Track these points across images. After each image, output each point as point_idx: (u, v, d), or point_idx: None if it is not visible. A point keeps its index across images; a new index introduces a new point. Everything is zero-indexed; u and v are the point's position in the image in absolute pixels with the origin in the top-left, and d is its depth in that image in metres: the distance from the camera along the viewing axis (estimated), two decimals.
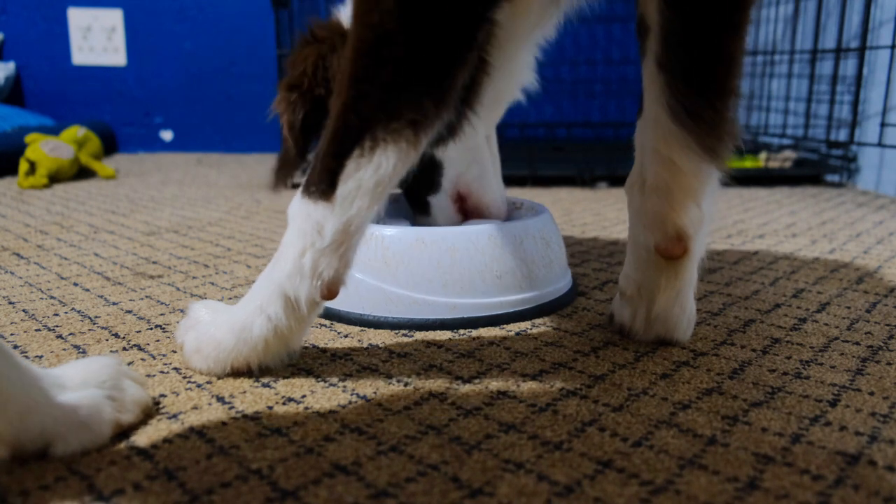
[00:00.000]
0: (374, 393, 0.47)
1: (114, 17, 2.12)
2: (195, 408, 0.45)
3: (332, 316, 0.62)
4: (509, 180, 1.46)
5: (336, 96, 0.45)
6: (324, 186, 0.45)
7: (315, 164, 0.46)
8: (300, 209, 0.47)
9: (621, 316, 0.57)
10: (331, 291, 0.47)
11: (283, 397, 0.47)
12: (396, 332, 0.59)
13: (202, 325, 0.51)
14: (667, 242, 0.52)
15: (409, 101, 0.44)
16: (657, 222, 0.52)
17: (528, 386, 0.48)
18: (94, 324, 0.61)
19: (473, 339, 0.57)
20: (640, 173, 0.53)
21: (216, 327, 0.50)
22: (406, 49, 0.43)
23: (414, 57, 0.43)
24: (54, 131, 1.68)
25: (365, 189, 0.45)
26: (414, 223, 0.80)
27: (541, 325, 0.60)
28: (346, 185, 0.45)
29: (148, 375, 0.50)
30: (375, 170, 0.44)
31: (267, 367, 0.50)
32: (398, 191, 0.82)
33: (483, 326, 0.60)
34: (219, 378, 0.49)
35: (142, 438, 0.41)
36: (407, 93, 0.44)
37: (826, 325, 0.61)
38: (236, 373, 0.50)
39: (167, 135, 2.20)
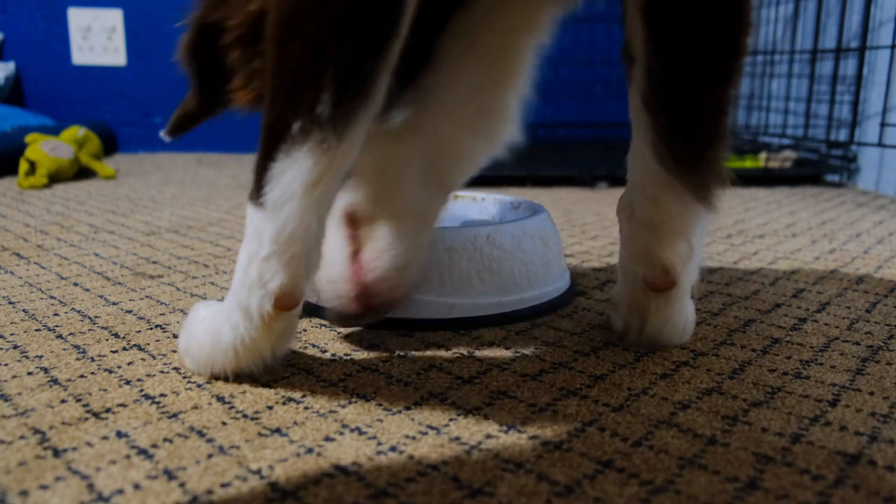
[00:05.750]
0: (374, 393, 0.47)
1: (114, 17, 2.12)
2: (195, 408, 0.45)
3: None
4: (509, 180, 1.47)
5: (266, 84, 0.42)
6: (256, 190, 0.43)
7: (254, 164, 0.44)
8: (248, 213, 0.44)
9: (615, 324, 0.56)
10: (284, 303, 0.44)
11: (283, 397, 0.47)
12: (396, 332, 0.59)
13: (194, 324, 0.50)
14: (654, 276, 0.51)
15: (329, 89, 0.40)
16: (645, 255, 0.51)
17: (528, 386, 0.48)
18: (94, 324, 0.61)
19: (473, 339, 0.57)
20: (630, 201, 0.52)
21: (202, 330, 0.49)
22: (319, 23, 0.39)
23: (329, 34, 0.39)
24: (54, 131, 1.68)
25: (292, 193, 0.42)
26: None
27: (541, 325, 0.60)
28: (273, 190, 0.42)
29: (148, 375, 0.50)
30: (299, 172, 0.41)
31: (246, 373, 0.48)
32: None
33: (482, 326, 0.60)
34: (209, 381, 0.49)
35: (142, 438, 0.41)
36: (326, 79, 0.40)
37: (826, 325, 0.61)
38: (217, 377, 0.49)
39: None
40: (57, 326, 0.60)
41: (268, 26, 0.42)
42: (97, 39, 2.13)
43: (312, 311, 0.63)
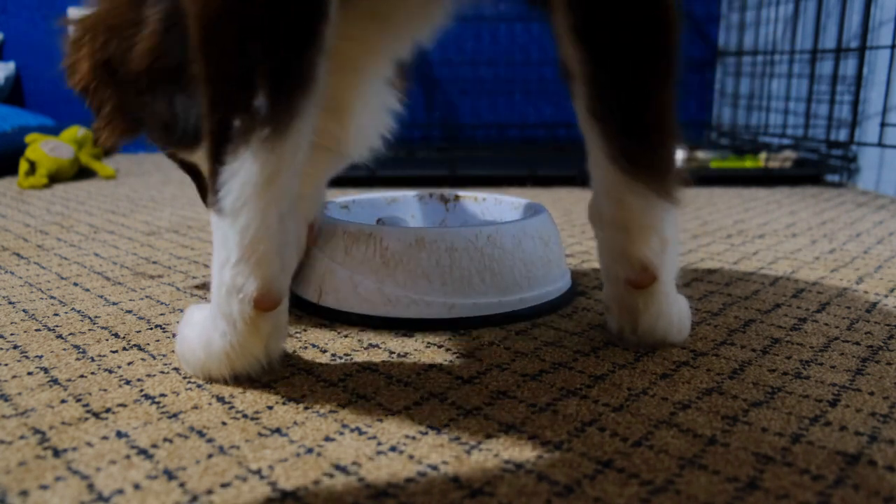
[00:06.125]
0: (374, 393, 0.47)
1: None
2: (195, 408, 0.45)
3: (332, 316, 0.62)
4: (510, 180, 1.47)
5: (201, 90, 0.42)
6: (212, 196, 0.43)
7: (207, 172, 0.43)
8: (212, 221, 0.44)
9: (611, 327, 0.57)
10: (265, 304, 0.44)
11: (283, 397, 0.47)
12: (396, 332, 0.59)
13: (187, 328, 0.50)
14: (634, 274, 0.51)
15: (263, 87, 0.39)
16: (621, 256, 0.52)
17: (528, 386, 0.48)
18: (94, 324, 0.61)
19: (473, 339, 0.57)
20: (598, 207, 0.53)
21: (195, 335, 0.49)
22: (241, 23, 0.39)
23: (253, 31, 0.39)
24: (54, 131, 1.68)
25: (247, 196, 0.41)
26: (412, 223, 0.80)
27: (541, 325, 0.60)
28: (228, 195, 0.42)
29: (148, 375, 0.50)
30: (248, 174, 0.41)
31: (244, 375, 0.48)
32: (397, 192, 0.82)
33: (482, 326, 0.60)
34: (208, 381, 0.49)
35: (142, 438, 0.41)
36: (257, 77, 0.39)
37: (826, 325, 0.61)
38: (216, 381, 0.49)
39: None
40: (57, 326, 0.60)
41: (192, 35, 0.41)
42: None
43: (312, 310, 0.63)
